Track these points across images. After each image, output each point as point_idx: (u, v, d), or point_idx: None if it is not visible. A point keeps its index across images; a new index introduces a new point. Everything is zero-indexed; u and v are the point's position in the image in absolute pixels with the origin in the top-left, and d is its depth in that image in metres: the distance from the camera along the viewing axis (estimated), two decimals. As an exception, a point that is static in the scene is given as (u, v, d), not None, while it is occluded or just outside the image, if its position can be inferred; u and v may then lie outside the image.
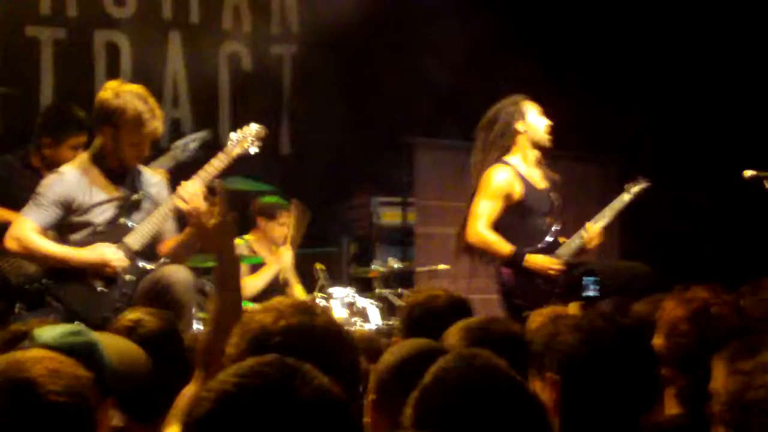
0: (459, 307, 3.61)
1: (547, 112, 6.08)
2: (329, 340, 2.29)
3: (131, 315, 3.34)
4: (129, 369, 2.67)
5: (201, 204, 4.92)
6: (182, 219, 5.12)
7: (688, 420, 2.72)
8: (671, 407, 2.82)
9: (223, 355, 2.30)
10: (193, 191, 4.93)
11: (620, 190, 6.24)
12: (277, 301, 2.40)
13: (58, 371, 1.95)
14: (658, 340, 2.87)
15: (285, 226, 7.26)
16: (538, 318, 3.62)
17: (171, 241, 5.16)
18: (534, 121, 5.98)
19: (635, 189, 6.18)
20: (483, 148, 6.00)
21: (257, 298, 6.82)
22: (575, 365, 2.41)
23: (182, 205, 4.93)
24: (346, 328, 2.47)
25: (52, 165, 5.42)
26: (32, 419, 1.90)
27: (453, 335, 2.99)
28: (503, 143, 5.96)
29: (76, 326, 2.46)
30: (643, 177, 6.24)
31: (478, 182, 5.93)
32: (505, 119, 5.96)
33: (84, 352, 2.30)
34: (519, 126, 5.95)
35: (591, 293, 4.08)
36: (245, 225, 7.32)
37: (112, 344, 2.64)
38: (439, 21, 8.32)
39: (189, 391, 2.68)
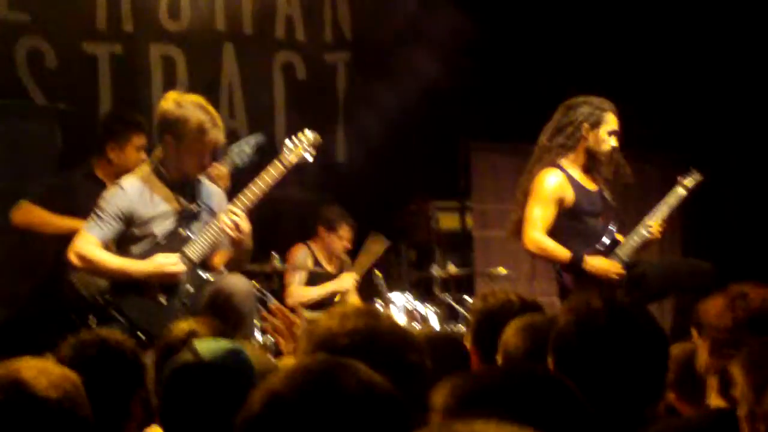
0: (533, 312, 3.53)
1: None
2: (395, 340, 2.35)
3: (184, 326, 3.37)
4: None
5: (245, 229, 4.97)
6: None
7: (715, 416, 2.65)
8: (716, 401, 2.78)
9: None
10: (236, 220, 4.96)
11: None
12: (341, 307, 2.48)
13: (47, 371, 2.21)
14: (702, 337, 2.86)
15: (344, 240, 7.25)
16: None
17: (223, 254, 5.20)
18: (603, 137, 5.84)
19: (688, 182, 6.11)
20: (546, 147, 5.88)
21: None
22: (567, 348, 2.46)
23: (229, 231, 4.97)
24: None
25: (121, 171, 5.48)
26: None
27: (511, 334, 3.00)
28: (567, 143, 5.84)
29: (233, 343, 2.67)
30: (696, 170, 6.15)
31: (529, 185, 5.86)
32: (578, 119, 5.82)
33: (237, 368, 2.52)
34: (586, 132, 5.84)
35: None
36: (304, 233, 7.35)
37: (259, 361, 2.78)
38: (495, 22, 8.30)
39: None
